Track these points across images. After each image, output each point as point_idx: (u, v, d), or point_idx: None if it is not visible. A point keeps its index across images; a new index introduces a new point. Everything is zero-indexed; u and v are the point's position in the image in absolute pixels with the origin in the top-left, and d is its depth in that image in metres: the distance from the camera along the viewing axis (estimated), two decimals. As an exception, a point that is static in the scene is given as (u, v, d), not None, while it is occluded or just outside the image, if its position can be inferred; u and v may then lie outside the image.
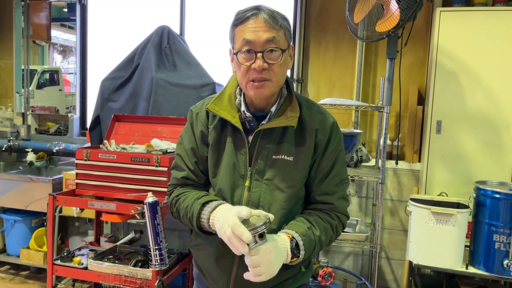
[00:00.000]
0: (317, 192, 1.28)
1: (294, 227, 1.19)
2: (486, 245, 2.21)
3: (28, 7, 3.78)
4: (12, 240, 3.42)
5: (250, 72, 1.17)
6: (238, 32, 1.18)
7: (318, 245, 1.22)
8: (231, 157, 1.25)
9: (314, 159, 1.26)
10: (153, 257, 2.37)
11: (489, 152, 2.57)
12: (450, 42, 2.59)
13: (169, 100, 2.91)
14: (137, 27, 3.53)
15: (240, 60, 1.17)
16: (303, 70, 3.22)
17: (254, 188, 1.23)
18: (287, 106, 1.24)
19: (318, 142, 1.25)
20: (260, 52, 1.15)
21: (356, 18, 2.44)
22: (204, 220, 1.19)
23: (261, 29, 1.15)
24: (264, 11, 1.16)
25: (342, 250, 3.16)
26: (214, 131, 1.28)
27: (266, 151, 1.23)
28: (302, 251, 1.15)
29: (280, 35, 1.17)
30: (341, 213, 1.30)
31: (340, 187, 1.29)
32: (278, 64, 1.17)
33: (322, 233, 1.23)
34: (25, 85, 3.86)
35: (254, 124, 1.25)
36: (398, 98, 2.71)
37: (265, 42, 1.15)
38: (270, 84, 1.18)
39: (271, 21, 1.15)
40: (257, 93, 1.19)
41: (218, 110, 1.25)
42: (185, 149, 1.33)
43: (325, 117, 1.28)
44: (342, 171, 1.29)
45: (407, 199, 2.67)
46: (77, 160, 2.51)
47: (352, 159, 2.80)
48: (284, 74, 1.23)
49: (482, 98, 2.57)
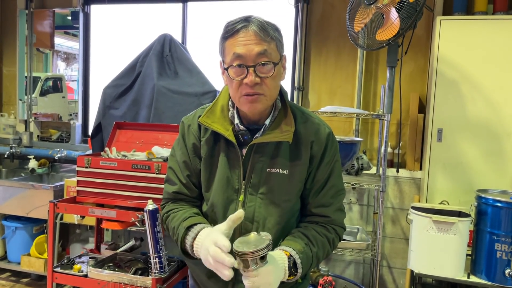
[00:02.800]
0: (313, 204, 1.25)
1: (291, 243, 1.16)
2: (487, 254, 2.19)
3: (32, 15, 3.82)
4: (13, 247, 3.42)
5: (242, 86, 1.13)
6: (228, 46, 1.14)
7: (315, 261, 1.20)
8: (224, 171, 1.22)
9: (310, 171, 1.23)
10: (153, 265, 2.36)
11: (490, 160, 2.57)
12: (451, 51, 2.60)
13: (170, 108, 2.92)
14: (139, 35, 3.56)
15: (232, 75, 1.14)
16: (304, 78, 3.23)
17: (248, 202, 1.20)
18: (282, 119, 1.21)
19: (314, 154, 1.22)
20: (251, 67, 1.11)
21: (357, 27, 2.46)
22: (187, 246, 1.18)
23: (252, 42, 1.11)
24: (254, 23, 1.12)
25: (343, 259, 3.15)
26: (207, 144, 1.25)
27: (260, 164, 1.20)
28: (300, 269, 1.13)
29: (272, 47, 1.13)
30: (337, 226, 1.27)
31: (337, 199, 1.26)
32: (270, 78, 1.13)
33: (320, 248, 1.20)
34: (28, 92, 3.89)
35: (248, 138, 1.22)
36: (398, 106, 2.71)
37: (256, 55, 1.11)
38: (264, 98, 1.15)
39: (262, 33, 1.11)
40: (250, 108, 1.16)
41: (210, 123, 1.22)
42: (178, 162, 1.30)
43: (320, 128, 1.24)
44: (338, 182, 1.27)
45: (408, 207, 2.66)
46: (78, 168, 2.51)
47: (353, 167, 2.80)
48: (277, 86, 1.19)
49: (483, 106, 2.57)
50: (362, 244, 2.59)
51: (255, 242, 1.02)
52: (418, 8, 2.20)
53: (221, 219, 1.21)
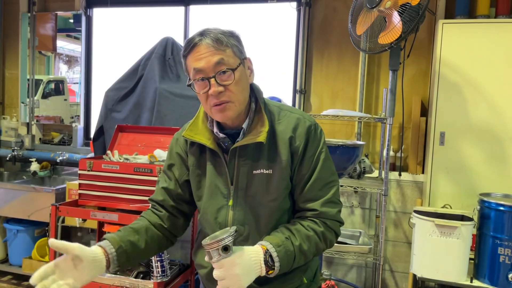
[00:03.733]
0: (300, 200, 1.24)
1: (269, 238, 1.16)
2: (490, 258, 2.19)
3: (35, 18, 3.83)
4: (15, 250, 3.42)
5: (209, 98, 1.17)
6: (188, 63, 1.19)
7: (299, 255, 1.17)
8: (212, 179, 1.26)
9: (294, 168, 1.23)
10: (154, 268, 2.36)
11: (493, 164, 2.56)
12: (453, 54, 2.59)
13: (172, 111, 2.92)
14: (141, 38, 3.56)
15: (197, 89, 1.18)
16: (306, 81, 3.23)
17: (238, 206, 1.23)
18: (258, 121, 1.23)
19: (294, 150, 1.22)
20: (212, 77, 1.14)
21: (359, 30, 2.46)
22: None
23: (208, 54, 1.15)
24: (207, 36, 1.16)
25: (345, 262, 3.14)
26: (193, 155, 1.30)
27: (245, 167, 1.22)
28: (277, 263, 1.11)
29: (228, 54, 1.16)
30: (328, 219, 1.22)
31: (325, 191, 1.23)
32: (233, 84, 1.16)
33: (304, 242, 1.17)
34: (30, 95, 3.89)
35: (228, 144, 1.24)
36: (401, 109, 2.71)
37: (214, 66, 1.14)
38: (232, 105, 1.17)
39: (215, 44, 1.15)
40: (223, 117, 1.19)
41: (193, 136, 1.27)
42: (164, 172, 1.37)
43: (300, 122, 1.24)
44: (325, 174, 1.24)
45: (410, 211, 2.65)
46: (80, 171, 2.51)
47: (355, 170, 2.79)
48: (244, 90, 1.21)
49: (485, 110, 2.56)
50: (364, 248, 2.58)
51: (220, 234, 1.05)
52: (420, 12, 2.20)
53: (212, 224, 1.26)
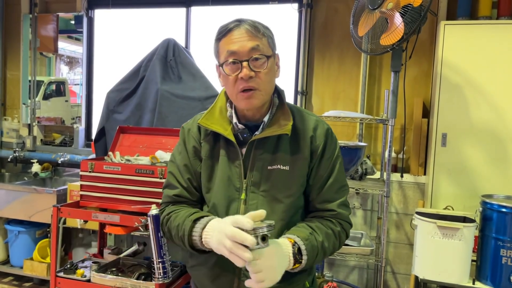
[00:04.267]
0: (317, 200, 1.25)
1: (295, 232, 1.16)
2: (493, 260, 2.18)
3: (36, 20, 3.83)
4: (16, 251, 3.41)
5: (238, 82, 1.17)
6: (222, 45, 1.20)
7: (321, 252, 1.18)
8: (225, 171, 1.23)
9: (312, 167, 1.24)
10: (156, 270, 2.36)
11: (495, 165, 2.55)
12: (455, 55, 2.59)
13: (174, 112, 2.92)
14: (143, 39, 3.56)
15: (227, 71, 1.18)
16: (308, 83, 3.23)
17: (250, 200, 1.21)
18: (280, 115, 1.23)
19: (314, 149, 1.23)
20: (245, 61, 1.15)
21: (361, 32, 2.45)
22: (196, 238, 1.15)
23: (245, 39, 1.16)
24: (245, 22, 1.18)
25: (347, 264, 3.13)
26: (207, 145, 1.27)
27: (261, 162, 1.21)
28: (304, 256, 1.11)
29: (264, 42, 1.18)
30: (343, 220, 1.26)
31: (340, 194, 1.26)
32: (264, 72, 1.17)
33: (325, 239, 1.19)
34: (32, 96, 3.90)
35: (247, 135, 1.23)
36: (402, 110, 2.71)
37: (249, 50, 1.15)
38: (259, 93, 1.18)
39: (253, 30, 1.17)
40: (247, 104, 1.18)
41: (209, 124, 1.24)
42: (178, 166, 1.31)
43: (319, 124, 1.27)
44: (340, 177, 1.27)
45: (412, 213, 2.64)
46: (82, 172, 2.51)
47: (357, 171, 2.79)
48: (272, 82, 1.23)
49: (487, 111, 2.56)
50: (366, 250, 2.58)
51: (256, 225, 1.00)
52: (422, 13, 2.19)
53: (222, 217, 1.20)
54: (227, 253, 1.02)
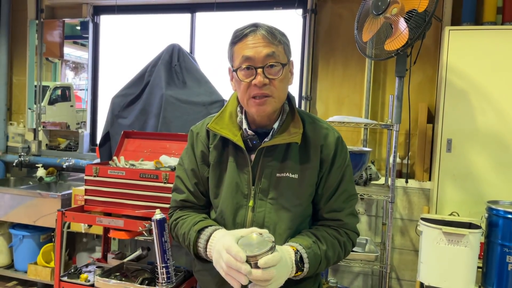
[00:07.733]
0: (325, 210, 1.24)
1: (298, 240, 1.16)
2: (499, 267, 2.16)
3: (42, 25, 3.87)
4: (20, 255, 3.42)
5: (250, 88, 1.15)
6: (237, 50, 1.17)
7: (324, 261, 1.17)
8: (233, 177, 1.22)
9: (321, 176, 1.23)
10: (159, 275, 2.35)
11: (501, 171, 2.54)
12: (460, 61, 2.59)
13: (178, 117, 2.93)
14: (148, 45, 3.58)
15: (240, 77, 1.16)
16: (312, 88, 3.23)
17: (258, 208, 1.20)
18: (290, 122, 1.22)
19: (324, 158, 1.22)
20: (260, 68, 1.13)
21: (365, 37, 2.46)
22: (201, 250, 1.17)
23: (260, 45, 1.14)
24: (262, 28, 1.16)
25: (351, 270, 3.11)
26: (215, 150, 1.25)
27: (269, 169, 1.20)
28: (306, 264, 1.11)
29: (280, 50, 1.16)
30: (350, 230, 1.26)
31: (349, 203, 1.25)
32: (279, 79, 1.15)
33: (329, 248, 1.18)
34: (37, 101, 3.92)
35: (257, 142, 1.22)
36: (407, 116, 2.70)
37: (264, 57, 1.13)
38: (272, 100, 1.16)
39: (270, 36, 1.14)
40: (259, 110, 1.17)
41: (219, 129, 1.23)
42: (185, 170, 1.30)
43: (329, 132, 1.25)
44: (350, 187, 1.26)
45: (417, 219, 2.63)
46: (86, 176, 2.52)
47: (361, 177, 2.78)
48: (285, 89, 1.21)
49: (492, 117, 2.55)
50: (370, 256, 2.56)
51: (258, 245, 1.01)
52: (427, 19, 2.19)
53: (230, 225, 1.21)
54: (223, 275, 1.04)
